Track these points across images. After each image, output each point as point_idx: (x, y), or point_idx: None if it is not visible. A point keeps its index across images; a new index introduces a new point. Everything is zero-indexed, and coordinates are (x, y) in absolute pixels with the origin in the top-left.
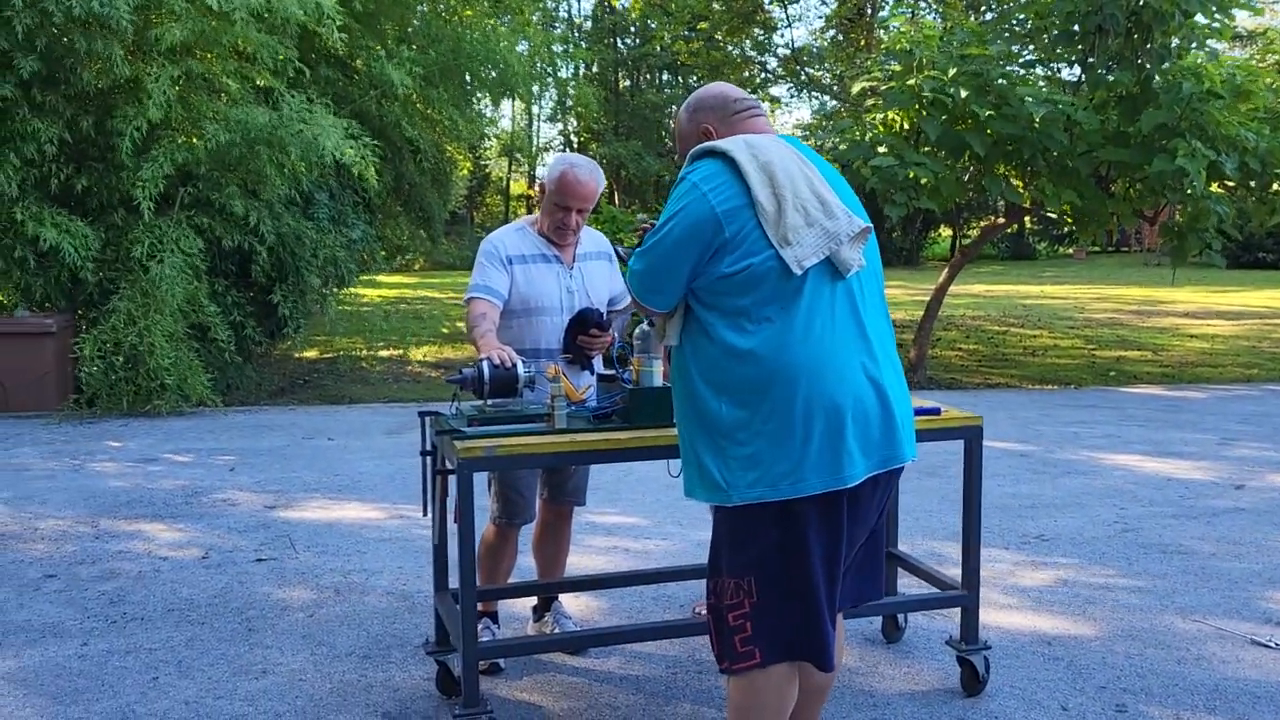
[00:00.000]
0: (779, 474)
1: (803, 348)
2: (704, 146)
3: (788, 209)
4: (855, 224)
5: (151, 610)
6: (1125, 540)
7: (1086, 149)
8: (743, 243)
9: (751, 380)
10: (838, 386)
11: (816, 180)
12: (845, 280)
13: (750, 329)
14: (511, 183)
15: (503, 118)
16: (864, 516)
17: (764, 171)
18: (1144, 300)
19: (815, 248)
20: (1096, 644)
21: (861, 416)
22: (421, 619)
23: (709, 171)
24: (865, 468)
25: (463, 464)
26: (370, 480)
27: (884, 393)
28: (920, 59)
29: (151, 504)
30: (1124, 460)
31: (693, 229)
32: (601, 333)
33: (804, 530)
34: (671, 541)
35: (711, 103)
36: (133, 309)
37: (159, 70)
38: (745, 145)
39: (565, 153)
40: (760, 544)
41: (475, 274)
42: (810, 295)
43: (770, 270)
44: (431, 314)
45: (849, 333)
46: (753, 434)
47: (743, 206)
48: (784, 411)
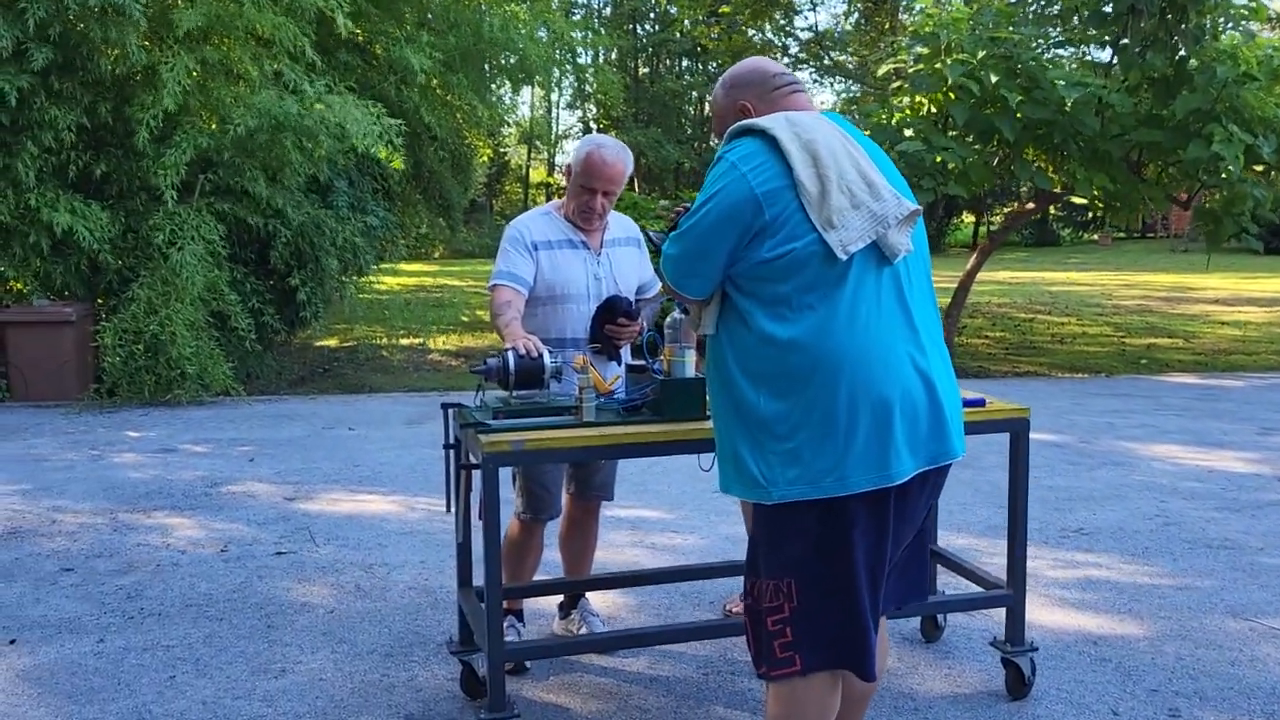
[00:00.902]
0: (821, 470)
1: (847, 337)
2: (743, 124)
3: (832, 190)
4: (904, 206)
5: (169, 605)
6: (1168, 534)
7: (1119, 132)
8: (784, 226)
9: (792, 371)
10: (884, 379)
11: (862, 160)
12: (892, 266)
13: (791, 317)
14: (531, 170)
15: (522, 105)
16: (911, 515)
17: (807, 151)
18: (1173, 286)
19: (861, 231)
20: (1145, 644)
21: (910, 410)
22: (444, 615)
23: (748, 150)
24: (913, 464)
25: (488, 459)
26: (391, 471)
27: (932, 385)
28: (948, 42)
29: (170, 495)
30: (1162, 451)
31: (731, 211)
32: (630, 321)
33: (847, 530)
34: (699, 535)
35: (750, 78)
36: (153, 297)
37: (174, 59)
38: (787, 123)
39: (591, 134)
40: (801, 545)
41: (499, 260)
42: (855, 282)
43: (813, 255)
44: (451, 302)
45: (895, 321)
46: (793, 428)
47: (784, 188)
48: (827, 404)
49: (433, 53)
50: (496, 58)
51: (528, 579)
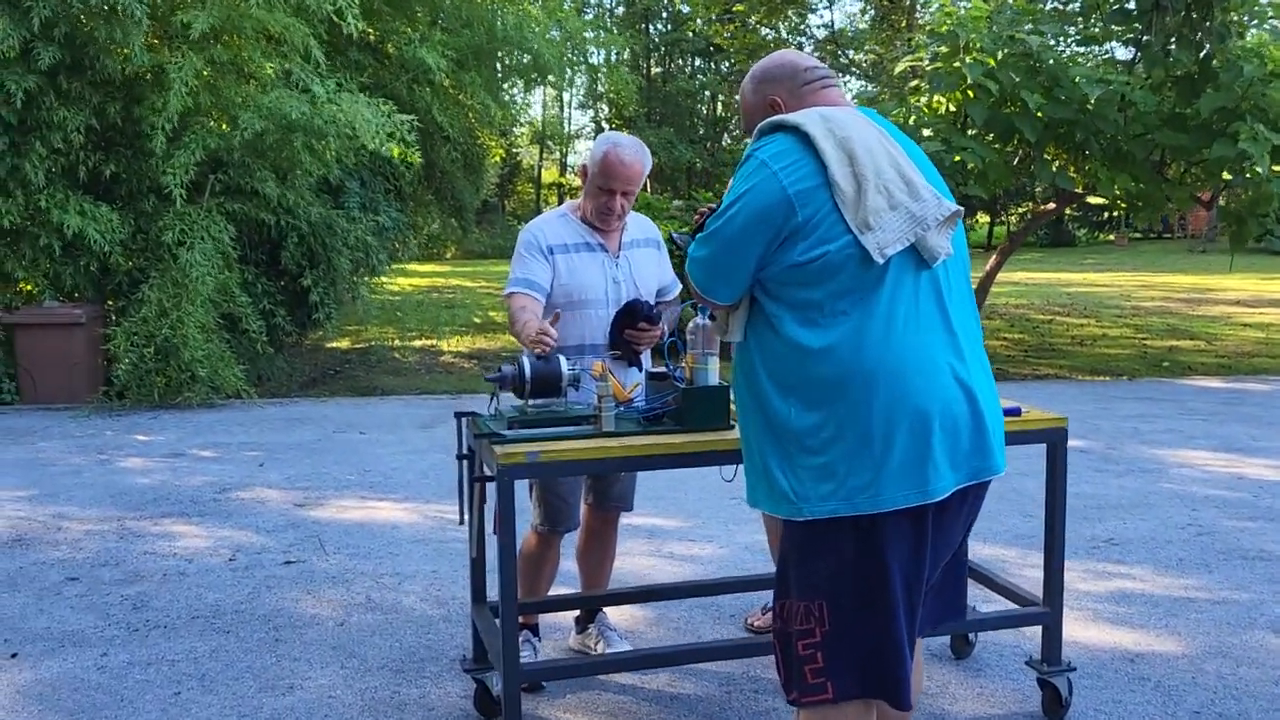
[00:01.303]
0: (856, 486)
1: (883, 346)
2: (774, 120)
3: (869, 190)
4: (944, 207)
5: (175, 617)
6: (1201, 545)
7: (1142, 131)
8: (817, 227)
9: (825, 381)
10: (923, 390)
11: (901, 158)
12: (930, 270)
13: (824, 324)
14: (543, 171)
15: (533, 105)
16: (950, 534)
17: (842, 148)
18: (1192, 288)
19: (899, 233)
20: (1184, 662)
21: (950, 424)
22: (457, 629)
23: (780, 148)
24: (953, 480)
25: (503, 470)
26: (402, 477)
27: (974, 396)
28: (966, 41)
29: (178, 501)
30: (1189, 457)
31: (761, 212)
32: (651, 326)
33: (883, 550)
34: (717, 545)
35: (779, 73)
36: (163, 299)
37: (183, 59)
38: (820, 119)
39: (607, 132)
40: (833, 564)
41: (514, 266)
42: (892, 286)
43: (848, 258)
44: (463, 303)
45: (934, 329)
46: (826, 441)
47: (818, 187)
48: (862, 417)
49: (445, 51)
50: (509, 56)
51: (544, 593)
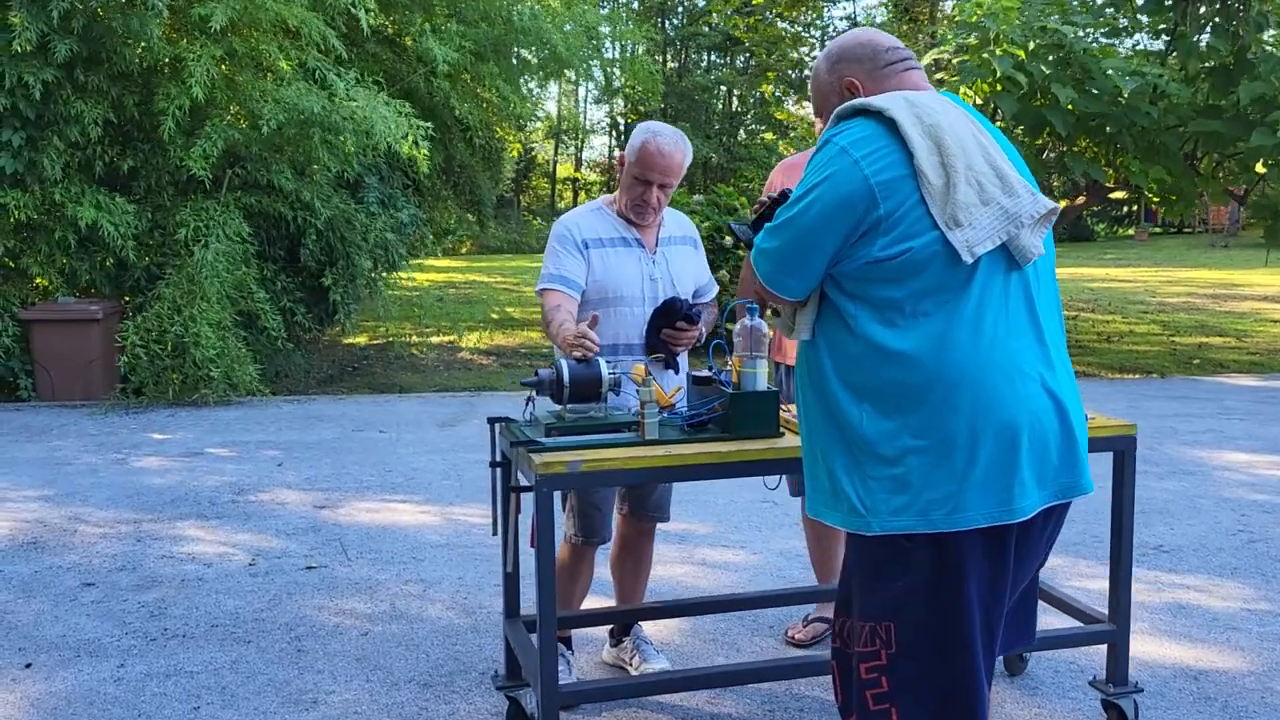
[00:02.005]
0: (932, 501)
1: (970, 351)
2: (855, 104)
3: (959, 183)
4: (1040, 203)
5: (194, 625)
6: (1254, 552)
7: (1176, 122)
8: (901, 221)
9: (902, 386)
10: (1012, 400)
11: (993, 149)
12: (1021, 271)
13: (904, 325)
14: (558, 166)
15: (548, 100)
16: (1032, 555)
17: (930, 136)
18: (1218, 283)
19: (991, 230)
20: (1250, 680)
21: (1039, 438)
22: (486, 640)
23: (862, 134)
24: (1040, 498)
25: (541, 481)
26: (424, 478)
27: (1064, 409)
28: (996, 33)
29: (196, 503)
30: (1232, 458)
31: (840, 203)
32: (690, 326)
33: (961, 571)
34: (751, 551)
35: (858, 52)
36: (178, 296)
37: (200, 50)
38: (906, 103)
39: (646, 121)
40: (904, 584)
41: (547, 261)
42: (980, 288)
43: (934, 256)
44: (481, 299)
45: (1024, 335)
46: (902, 451)
47: (903, 178)
48: (944, 427)
49: (463, 43)
50: (527, 48)
51: (577, 606)
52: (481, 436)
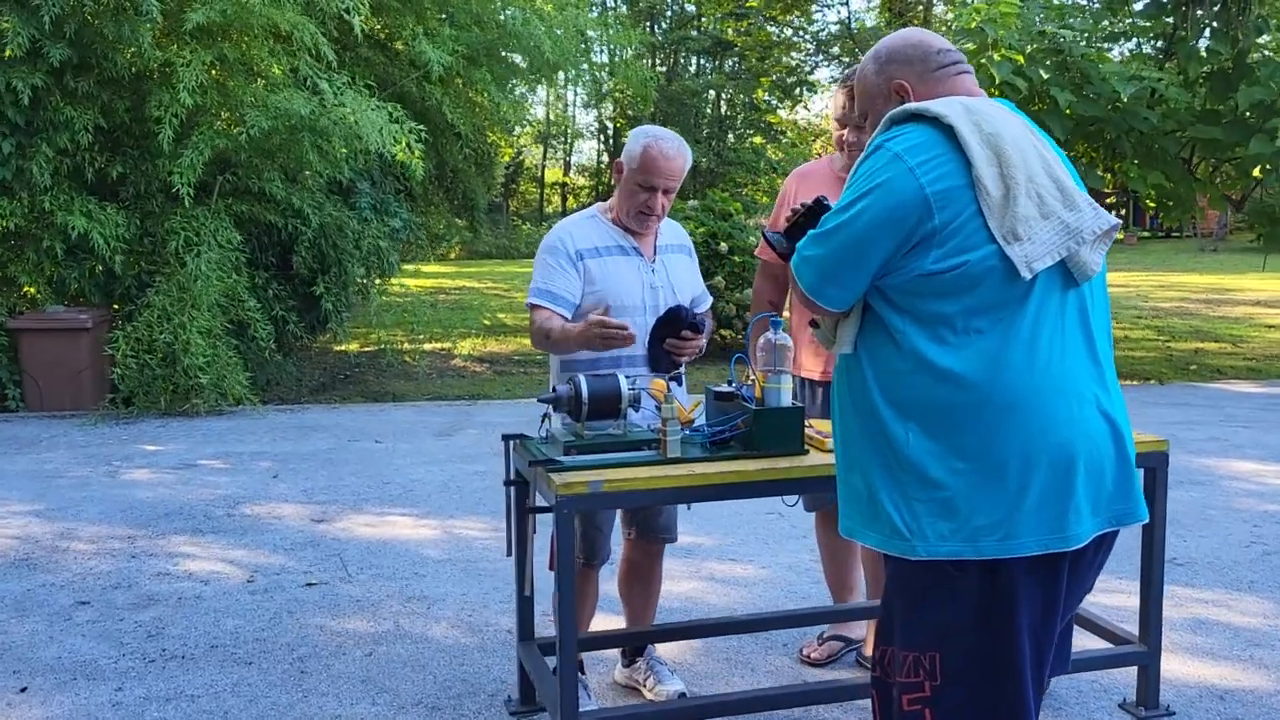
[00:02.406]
0: (982, 526)
1: (1025, 371)
2: (910, 108)
3: (1019, 195)
4: (1102, 219)
5: (193, 646)
6: (1270, 565)
7: (1175, 127)
8: (956, 234)
9: (952, 406)
10: (1068, 423)
11: (1053, 161)
12: (1078, 288)
13: (955, 342)
14: (546, 171)
15: (537, 104)
16: (1083, 584)
17: (990, 146)
18: (1210, 288)
19: (1051, 246)
20: (1278, 700)
21: (1095, 463)
22: (494, 660)
23: (917, 140)
24: (1094, 525)
25: (562, 502)
26: (423, 489)
27: (1120, 433)
28: (994, 38)
29: (191, 517)
30: (1240, 468)
31: (892, 211)
32: (695, 335)
33: (1012, 599)
34: (759, 565)
35: (909, 53)
36: (168, 304)
37: (191, 55)
38: (964, 110)
39: (643, 126)
40: (950, 613)
41: (537, 274)
42: (1037, 305)
43: (990, 271)
44: (472, 305)
45: (1079, 355)
46: (951, 473)
47: (960, 188)
48: (996, 450)
49: (455, 47)
50: (519, 52)
51: (585, 627)
52: (479, 447)
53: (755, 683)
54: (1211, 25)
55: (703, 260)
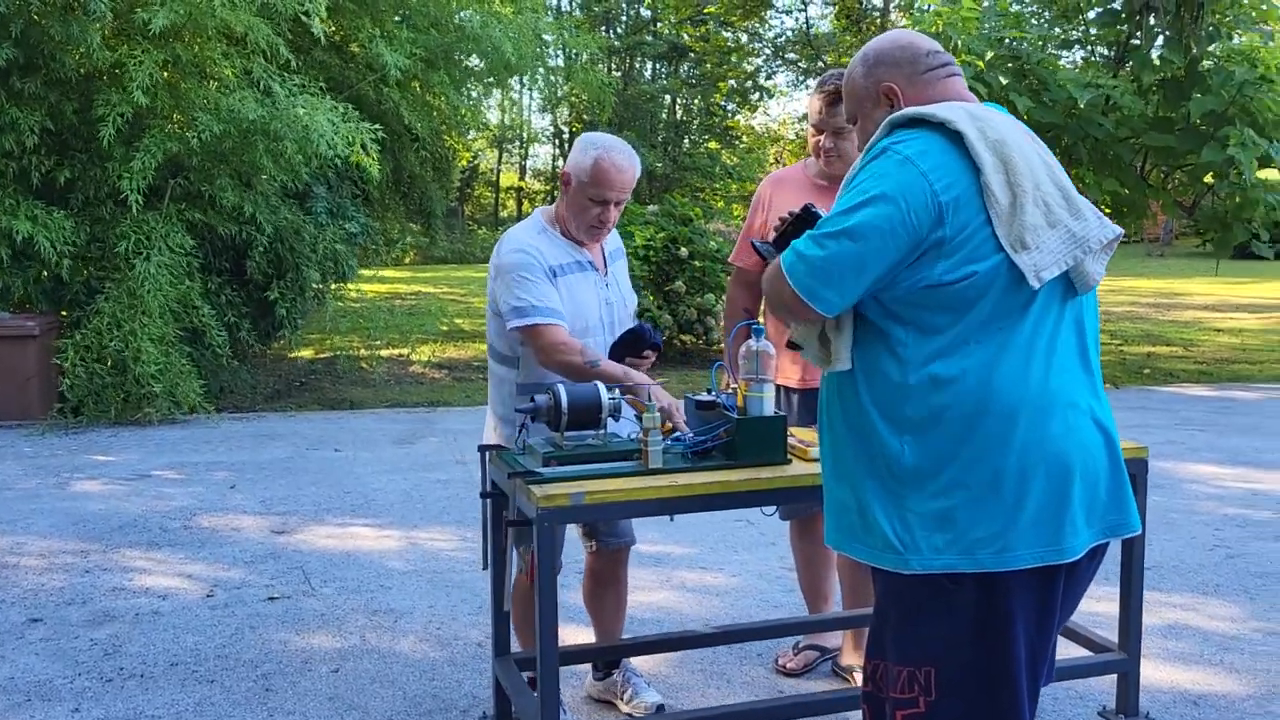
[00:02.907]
0: (979, 539)
1: (1023, 383)
2: (913, 112)
3: (1026, 203)
4: (1106, 228)
5: (152, 664)
6: (1234, 568)
7: (1129, 135)
8: (966, 244)
9: (950, 418)
10: (1065, 436)
11: (1057, 169)
12: (1076, 299)
13: (955, 353)
14: (501, 175)
15: (491, 108)
16: (1076, 594)
17: (996, 152)
18: (1158, 292)
19: (1058, 255)
20: (1250, 704)
21: (1091, 474)
22: (464, 674)
23: (926, 145)
24: (1089, 537)
25: (543, 514)
26: (385, 499)
27: (1114, 444)
28: (956, 43)
29: (146, 529)
30: (1198, 471)
31: (904, 218)
32: (655, 353)
33: (1008, 612)
34: (730, 573)
35: (897, 55)
36: (118, 310)
37: (143, 54)
38: (968, 115)
39: (588, 135)
40: (946, 627)
41: (520, 290)
42: (1037, 315)
43: (997, 281)
44: (429, 310)
45: (1074, 365)
46: (948, 485)
47: (970, 196)
48: (994, 460)
49: (413, 50)
50: (477, 55)
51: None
52: (441, 455)
53: (732, 694)
54: (1164, 34)
55: (663, 265)
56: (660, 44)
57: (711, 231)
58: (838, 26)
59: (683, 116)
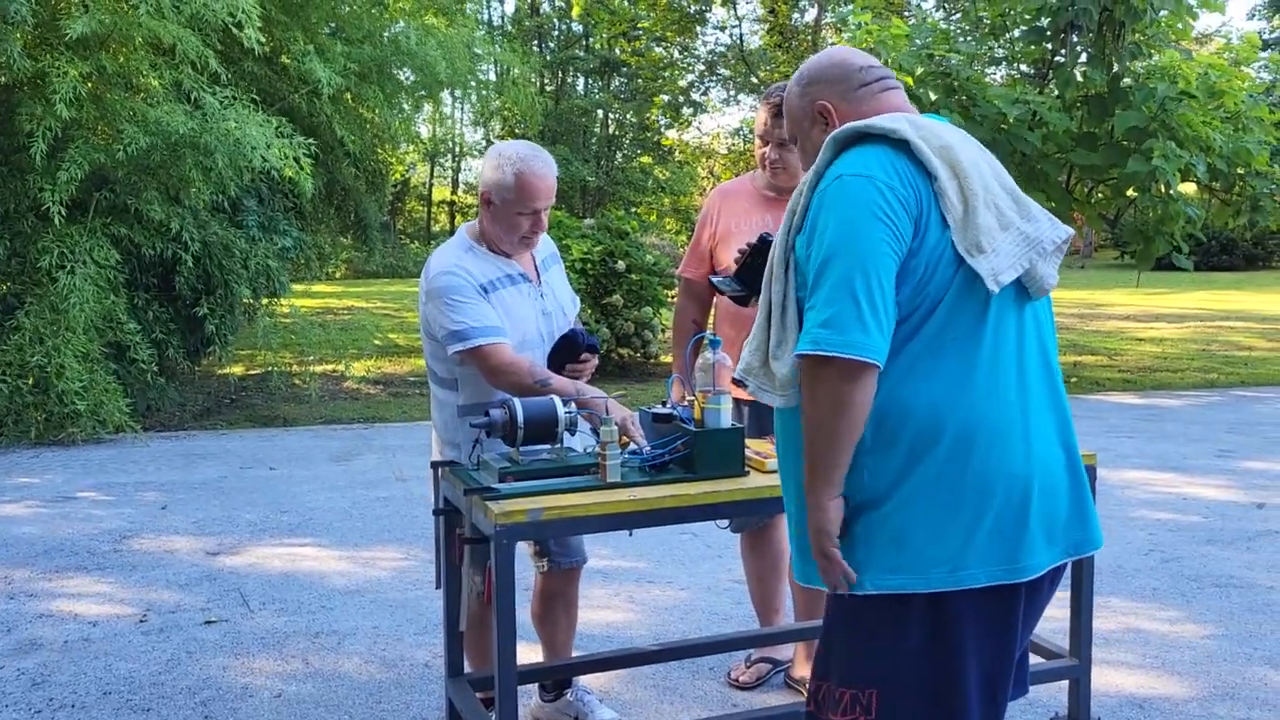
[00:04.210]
0: (933, 558)
1: (985, 398)
2: (854, 128)
3: (978, 207)
4: (1059, 229)
5: (84, 694)
6: (1170, 571)
7: (1056, 150)
8: (926, 255)
9: (907, 438)
10: (1024, 452)
11: (1002, 172)
12: (1032, 304)
13: (914, 371)
14: (434, 189)
15: (422, 123)
16: (1037, 612)
17: (944, 159)
18: (1081, 303)
19: (1014, 258)
20: (1194, 706)
21: (1050, 490)
22: (412, 696)
23: (875, 159)
24: (1050, 556)
25: (500, 531)
26: (324, 517)
27: (1075, 458)
28: (888, 59)
29: (74, 553)
30: (1130, 477)
31: (886, 212)
32: (592, 356)
33: (959, 635)
34: (678, 587)
35: (831, 73)
36: (40, 325)
37: (67, 64)
38: (911, 125)
39: (496, 147)
40: (893, 648)
41: (456, 313)
42: (995, 324)
43: (955, 290)
44: (362, 325)
45: (1035, 376)
46: (900, 504)
47: (928, 206)
48: (951, 478)
49: (347, 64)
50: (411, 69)
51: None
52: (380, 472)
53: (685, 709)
54: (1088, 51)
55: (599, 278)
56: (592, 59)
57: (648, 245)
58: (769, 43)
59: (615, 131)
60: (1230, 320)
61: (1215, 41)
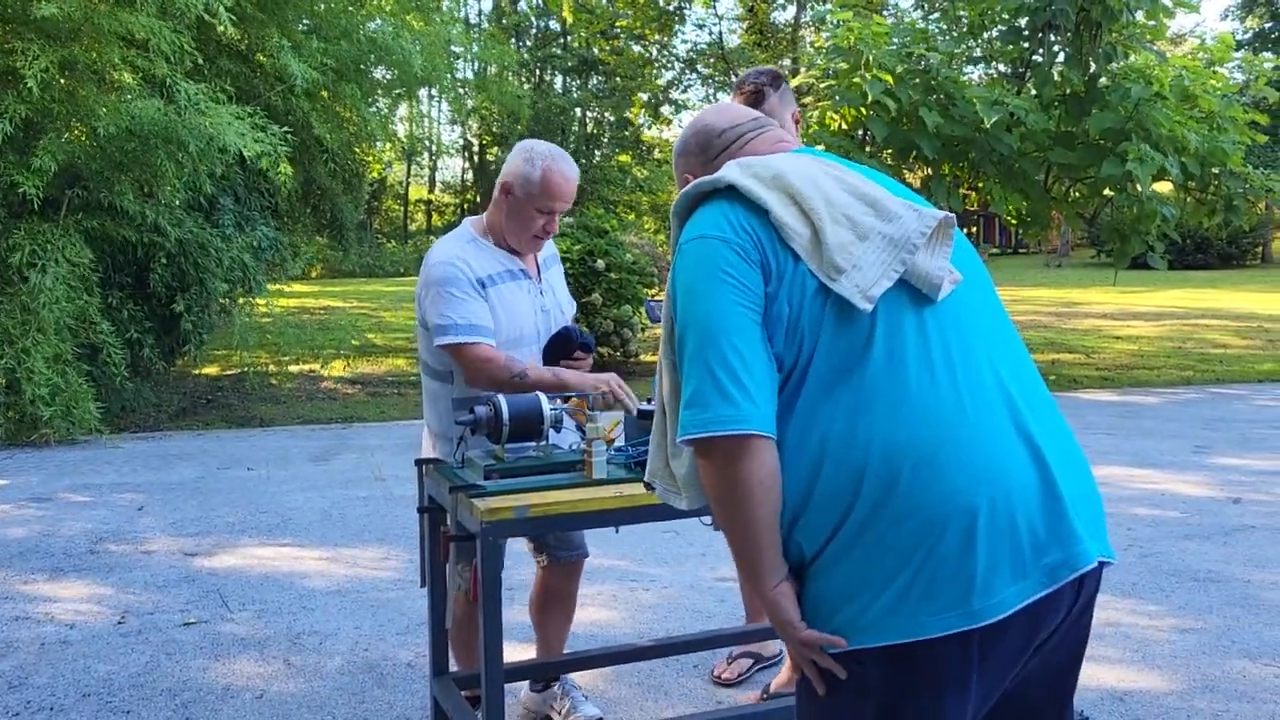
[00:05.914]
0: (880, 611)
1: (893, 424)
2: (685, 195)
3: (825, 225)
4: (926, 218)
5: (62, 697)
6: (1148, 566)
7: (1034, 150)
8: (784, 293)
9: (824, 489)
10: (960, 476)
11: (850, 177)
12: (936, 304)
13: (810, 416)
14: (410, 188)
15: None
16: (1009, 661)
17: (776, 187)
18: (1058, 302)
19: (881, 266)
20: (1174, 699)
21: (1005, 512)
22: (395, 696)
23: (708, 217)
24: (1019, 592)
25: (487, 529)
26: (303, 518)
27: (1044, 462)
28: (868, 57)
29: (50, 555)
30: (1108, 473)
31: (740, 296)
32: (587, 354)
33: (914, 688)
34: (661, 585)
35: (691, 145)
36: (11, 326)
37: (39, 51)
38: (736, 166)
39: (526, 143)
40: (861, 710)
41: (445, 307)
42: (886, 341)
43: (824, 318)
44: (339, 324)
45: (972, 381)
46: (836, 558)
47: (770, 242)
48: (880, 522)
49: (323, 60)
50: (388, 67)
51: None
52: (359, 471)
53: (670, 707)
54: (1065, 51)
55: (580, 277)
56: (570, 57)
57: (628, 244)
58: (748, 41)
59: (593, 129)
60: (1205, 318)
61: (1189, 42)
